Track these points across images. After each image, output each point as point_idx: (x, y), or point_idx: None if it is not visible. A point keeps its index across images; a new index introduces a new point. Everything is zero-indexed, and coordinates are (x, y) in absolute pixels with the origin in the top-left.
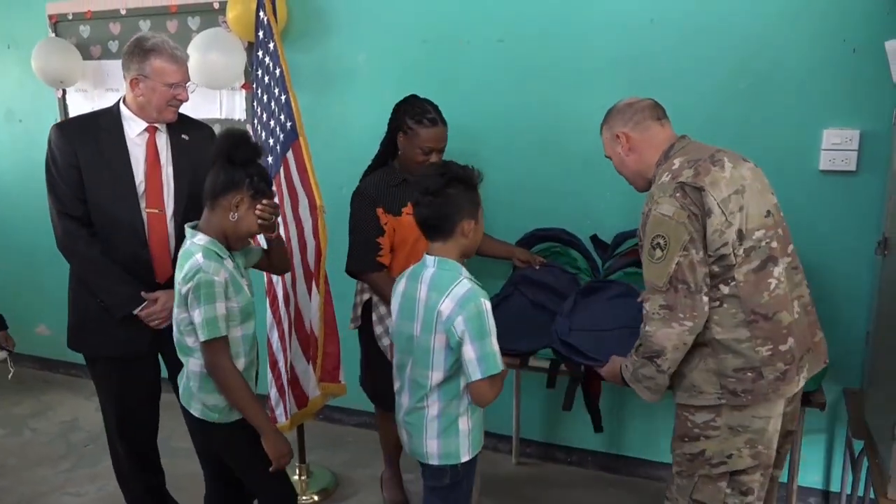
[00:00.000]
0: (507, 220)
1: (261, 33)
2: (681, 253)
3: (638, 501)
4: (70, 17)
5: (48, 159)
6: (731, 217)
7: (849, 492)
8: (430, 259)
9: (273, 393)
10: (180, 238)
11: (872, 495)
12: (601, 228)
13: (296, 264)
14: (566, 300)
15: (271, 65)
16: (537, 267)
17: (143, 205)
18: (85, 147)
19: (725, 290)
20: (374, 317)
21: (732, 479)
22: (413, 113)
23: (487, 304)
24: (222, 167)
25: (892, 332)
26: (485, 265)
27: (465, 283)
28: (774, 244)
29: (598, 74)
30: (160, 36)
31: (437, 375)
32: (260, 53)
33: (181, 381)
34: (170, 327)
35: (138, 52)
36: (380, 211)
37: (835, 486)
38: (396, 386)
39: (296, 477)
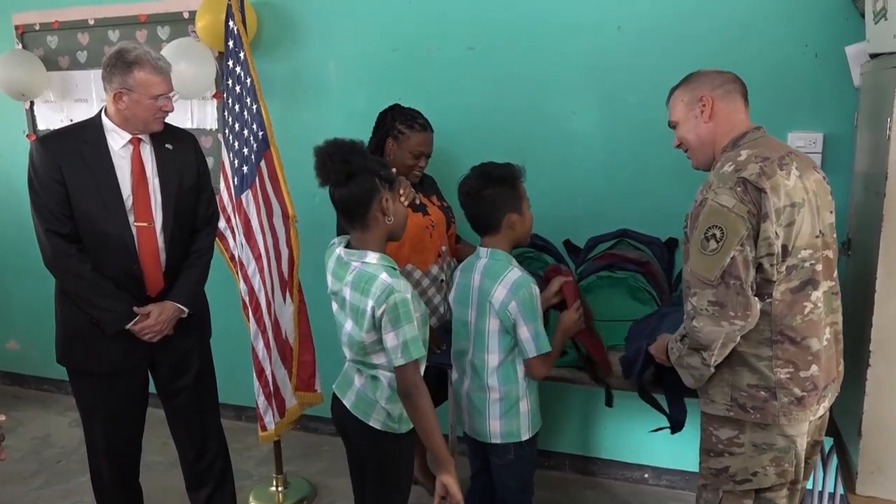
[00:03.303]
0: None
1: (231, 43)
2: (737, 247)
3: (614, 503)
4: (37, 28)
5: (31, 176)
6: (779, 229)
7: (821, 488)
8: (482, 251)
9: (261, 401)
10: (170, 250)
11: (843, 491)
12: (573, 233)
13: (274, 274)
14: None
15: (242, 74)
16: None
17: (131, 219)
18: (69, 161)
19: (759, 305)
20: None
21: (759, 497)
22: (404, 119)
23: (536, 290)
24: (351, 183)
25: (856, 330)
26: None
27: (515, 272)
28: (819, 266)
29: (567, 81)
30: (142, 47)
31: (493, 358)
32: (230, 63)
33: (349, 392)
34: (162, 340)
35: (121, 64)
36: None
37: (808, 484)
38: (456, 374)
39: (272, 488)
